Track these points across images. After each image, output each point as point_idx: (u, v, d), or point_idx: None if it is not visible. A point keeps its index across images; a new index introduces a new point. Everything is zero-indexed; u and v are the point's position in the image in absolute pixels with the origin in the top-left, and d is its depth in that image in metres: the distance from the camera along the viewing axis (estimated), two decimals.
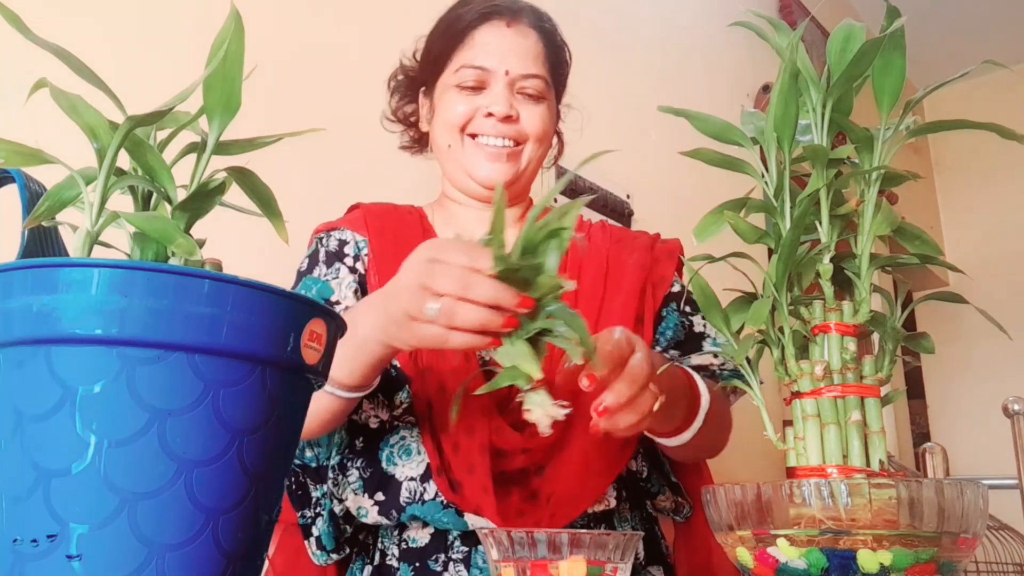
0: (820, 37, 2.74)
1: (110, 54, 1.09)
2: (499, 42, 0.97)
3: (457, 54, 0.98)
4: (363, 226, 1.00)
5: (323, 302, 0.64)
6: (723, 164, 0.66)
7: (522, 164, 0.98)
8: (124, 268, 0.39)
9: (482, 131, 0.96)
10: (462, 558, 0.87)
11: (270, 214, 0.49)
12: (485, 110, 0.95)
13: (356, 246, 0.99)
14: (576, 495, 0.87)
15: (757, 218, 0.65)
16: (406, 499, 0.87)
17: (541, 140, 0.99)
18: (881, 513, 0.51)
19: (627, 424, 0.68)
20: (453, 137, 0.97)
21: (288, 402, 0.44)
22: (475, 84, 0.96)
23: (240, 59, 0.46)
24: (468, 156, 0.97)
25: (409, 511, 0.87)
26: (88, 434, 0.38)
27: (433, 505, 0.87)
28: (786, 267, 0.60)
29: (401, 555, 0.90)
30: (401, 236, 0.99)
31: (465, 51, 0.97)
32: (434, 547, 0.89)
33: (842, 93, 0.62)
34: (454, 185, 1.02)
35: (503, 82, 0.95)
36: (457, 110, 0.96)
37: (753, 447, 0.96)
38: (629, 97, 2.05)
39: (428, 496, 0.87)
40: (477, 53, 0.96)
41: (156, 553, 0.38)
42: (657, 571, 0.97)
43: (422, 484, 0.88)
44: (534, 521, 0.85)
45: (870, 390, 0.59)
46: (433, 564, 0.88)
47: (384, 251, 0.97)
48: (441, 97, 0.99)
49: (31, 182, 0.47)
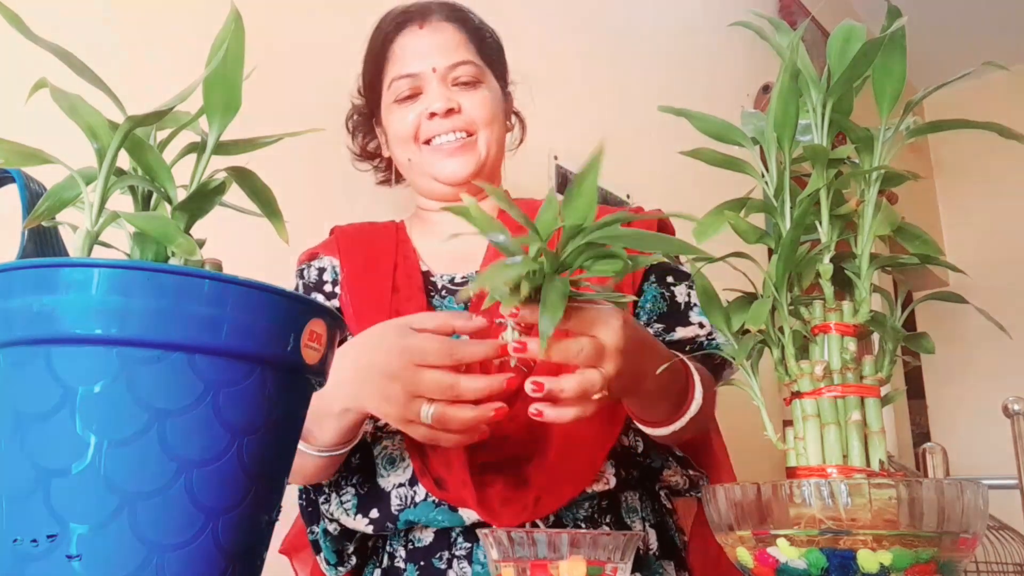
0: (820, 37, 2.74)
1: (110, 54, 1.09)
2: (416, 44, 0.99)
3: (386, 71, 1.01)
4: (335, 249, 1.02)
5: None
6: (723, 164, 0.66)
7: (481, 152, 0.99)
8: (124, 268, 0.39)
9: (432, 133, 0.98)
10: (465, 554, 0.87)
11: (270, 214, 0.49)
12: (427, 111, 0.97)
13: (333, 271, 1.02)
14: (561, 478, 0.85)
15: (757, 218, 0.65)
16: (397, 506, 0.87)
17: (491, 123, 1.00)
18: (881, 513, 0.51)
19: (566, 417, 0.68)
20: (410, 150, 1.00)
21: (288, 402, 0.44)
22: (410, 92, 0.98)
23: (240, 59, 0.46)
24: (428, 161, 0.99)
25: (403, 517, 0.87)
26: (88, 434, 0.38)
27: (425, 506, 0.87)
28: (786, 267, 0.60)
29: (408, 555, 0.90)
30: (372, 254, 1.01)
31: (391, 65, 1.00)
32: (438, 545, 0.89)
33: (842, 93, 0.62)
34: (423, 194, 1.05)
35: (435, 80, 0.97)
36: (405, 121, 0.98)
37: (753, 447, 0.95)
38: (629, 97, 2.05)
39: (419, 498, 0.87)
40: (401, 63, 0.99)
41: (156, 553, 0.38)
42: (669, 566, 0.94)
43: (411, 488, 0.88)
44: (520, 507, 0.83)
45: (870, 390, 0.59)
46: (437, 562, 0.88)
47: (353, 271, 0.99)
48: (387, 117, 1.02)
49: (31, 182, 0.47)
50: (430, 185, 1.01)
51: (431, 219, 1.06)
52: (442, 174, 0.98)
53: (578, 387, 0.65)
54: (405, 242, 1.04)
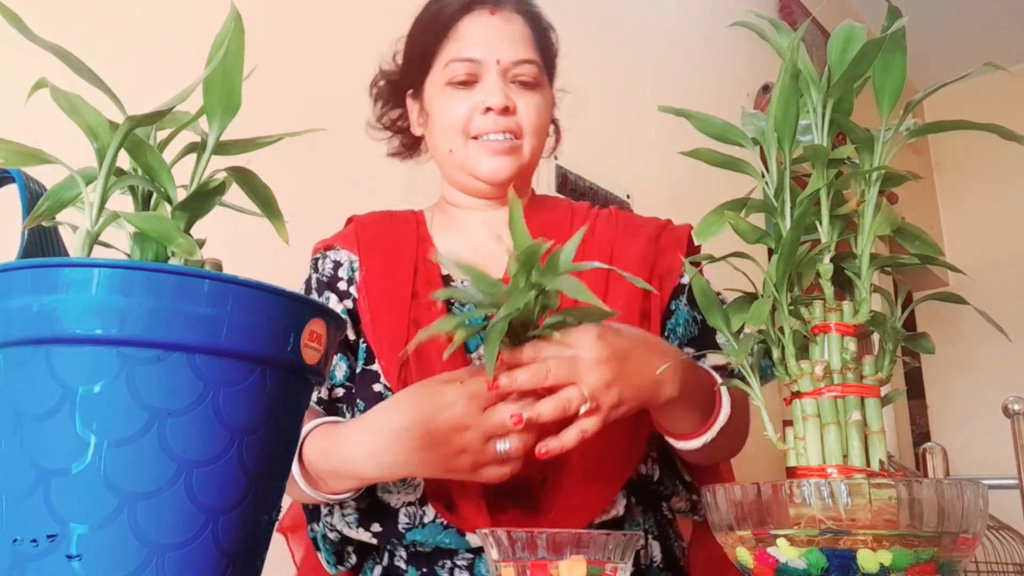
0: (820, 37, 2.74)
1: (110, 54, 1.09)
2: (486, 30, 0.93)
3: (443, 49, 0.95)
4: (355, 243, 0.98)
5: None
6: (723, 164, 0.66)
7: (524, 158, 0.95)
8: (124, 268, 0.39)
9: (484, 130, 0.93)
10: (467, 564, 0.87)
11: (270, 214, 0.49)
12: (482, 105, 0.92)
13: (350, 267, 0.97)
14: (579, 506, 0.85)
15: (757, 218, 0.65)
16: (405, 525, 0.86)
17: (538, 132, 0.96)
18: (881, 513, 0.50)
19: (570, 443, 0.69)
20: (455, 141, 0.94)
21: (288, 402, 0.44)
22: (467, 78, 0.93)
23: (240, 59, 0.46)
24: (472, 156, 0.94)
25: (410, 536, 0.86)
26: (88, 434, 0.38)
27: (433, 527, 0.86)
28: (786, 267, 0.60)
29: (409, 558, 0.89)
30: (392, 254, 0.97)
31: (451, 45, 0.94)
32: (440, 553, 0.88)
33: (842, 93, 0.62)
34: (455, 187, 1.00)
35: (496, 72, 0.92)
36: (456, 112, 0.93)
37: (753, 447, 0.95)
38: (629, 97, 2.05)
39: (427, 519, 0.86)
40: (464, 45, 0.93)
41: (156, 553, 0.38)
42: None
43: (420, 508, 0.87)
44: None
45: (870, 390, 0.59)
46: (440, 570, 0.87)
47: (373, 272, 0.95)
48: (435, 98, 0.96)
49: (31, 182, 0.47)
50: (465, 180, 0.97)
51: (457, 216, 1.01)
52: (483, 172, 0.94)
53: (554, 408, 0.68)
54: (426, 240, 0.99)
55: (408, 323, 0.89)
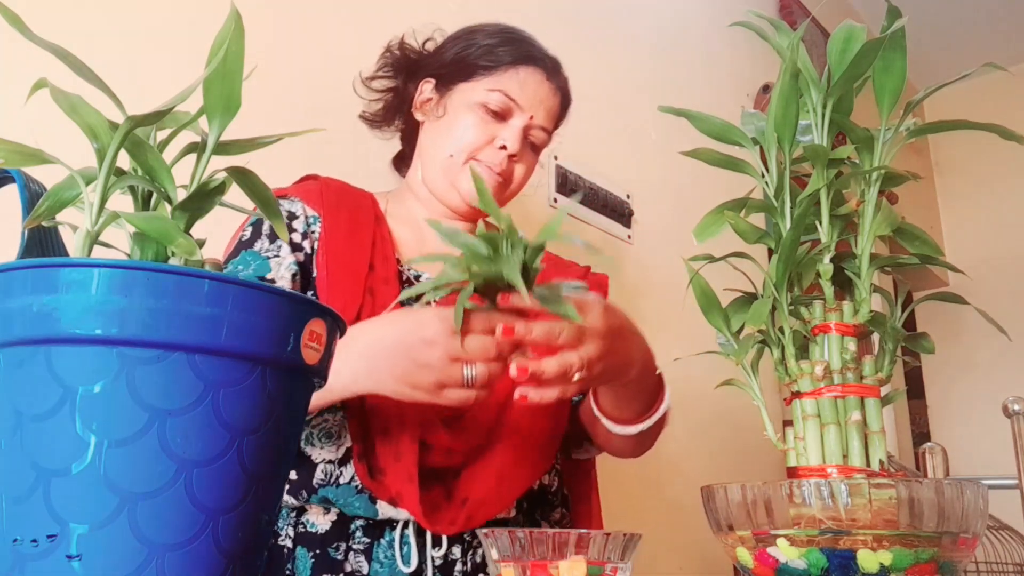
0: (820, 37, 2.74)
1: (110, 54, 1.09)
2: (537, 89, 1.03)
3: (495, 75, 1.01)
4: (319, 202, 0.98)
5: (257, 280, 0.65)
6: (723, 164, 0.66)
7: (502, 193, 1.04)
8: (124, 268, 0.39)
9: (488, 160, 1.00)
10: (363, 549, 0.88)
11: (270, 214, 0.49)
12: (500, 142, 1.00)
13: (306, 222, 0.97)
14: (489, 501, 0.90)
15: (757, 218, 0.65)
16: (320, 480, 0.87)
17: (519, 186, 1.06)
18: (881, 513, 0.51)
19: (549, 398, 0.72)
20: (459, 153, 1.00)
21: (288, 402, 0.44)
22: (500, 112, 1.00)
23: (240, 59, 0.46)
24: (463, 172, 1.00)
25: (321, 493, 0.87)
26: (88, 434, 0.38)
27: (347, 489, 0.86)
28: (786, 267, 0.60)
29: (297, 538, 0.89)
30: (356, 219, 0.99)
31: (506, 78, 1.01)
32: (334, 534, 0.88)
33: (842, 93, 0.62)
34: (432, 189, 1.04)
35: (521, 123, 1.01)
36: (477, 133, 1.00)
37: (753, 447, 0.95)
38: (629, 97, 2.05)
39: (344, 480, 0.87)
40: (519, 88, 1.01)
41: (156, 553, 0.38)
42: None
43: (339, 467, 0.87)
44: (450, 520, 0.87)
45: (870, 390, 0.59)
46: (334, 552, 0.87)
47: (336, 232, 0.96)
48: (462, 107, 1.01)
49: (31, 182, 0.47)
50: (444, 187, 1.02)
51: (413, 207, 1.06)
52: (465, 189, 1.00)
53: (558, 367, 0.71)
54: (383, 220, 1.03)
55: (364, 291, 0.92)
